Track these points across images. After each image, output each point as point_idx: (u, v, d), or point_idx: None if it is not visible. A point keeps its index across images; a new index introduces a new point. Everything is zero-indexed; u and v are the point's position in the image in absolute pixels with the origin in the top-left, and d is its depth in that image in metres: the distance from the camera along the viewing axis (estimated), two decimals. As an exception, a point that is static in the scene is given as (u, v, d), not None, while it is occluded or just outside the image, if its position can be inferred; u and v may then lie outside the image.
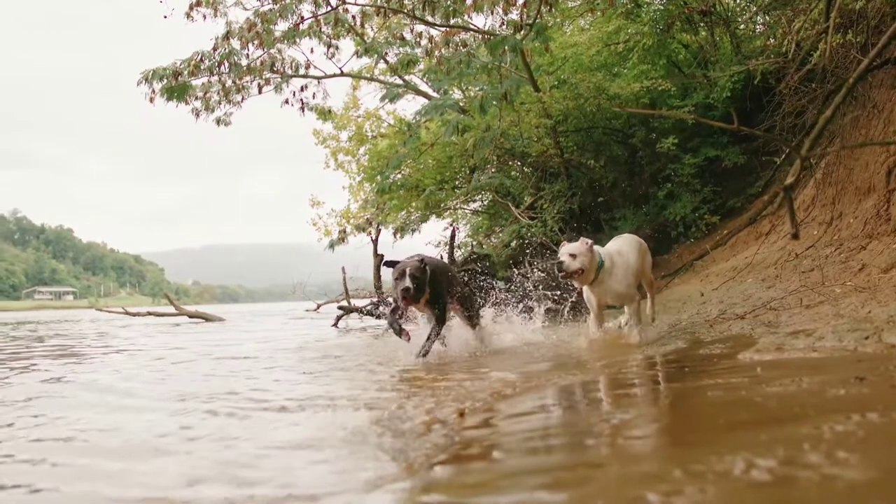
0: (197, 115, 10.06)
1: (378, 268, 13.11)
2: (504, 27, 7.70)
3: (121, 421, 2.81)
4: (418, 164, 11.43)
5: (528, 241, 9.62)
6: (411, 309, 4.84)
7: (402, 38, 9.27)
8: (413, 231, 12.38)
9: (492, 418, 2.55)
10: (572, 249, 4.54)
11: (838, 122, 6.15)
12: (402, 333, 4.66)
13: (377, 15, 8.98)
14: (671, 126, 9.90)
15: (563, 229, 9.58)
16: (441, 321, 4.78)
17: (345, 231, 13.21)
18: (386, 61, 11.36)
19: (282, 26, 9.06)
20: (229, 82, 9.88)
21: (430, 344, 4.64)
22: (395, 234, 12.51)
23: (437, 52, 8.06)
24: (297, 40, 9.42)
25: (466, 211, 13.85)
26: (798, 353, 3.10)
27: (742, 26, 10.39)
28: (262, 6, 8.92)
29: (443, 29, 7.94)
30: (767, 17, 9.78)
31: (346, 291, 13.27)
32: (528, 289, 6.01)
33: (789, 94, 6.97)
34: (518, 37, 6.52)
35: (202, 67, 9.48)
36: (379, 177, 11.19)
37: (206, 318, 14.91)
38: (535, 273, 6.16)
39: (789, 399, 2.16)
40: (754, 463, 1.46)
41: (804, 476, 1.36)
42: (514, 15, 7.04)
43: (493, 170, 11.80)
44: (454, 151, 11.02)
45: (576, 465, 1.75)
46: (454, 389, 3.22)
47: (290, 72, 10.27)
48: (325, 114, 11.41)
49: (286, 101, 10.51)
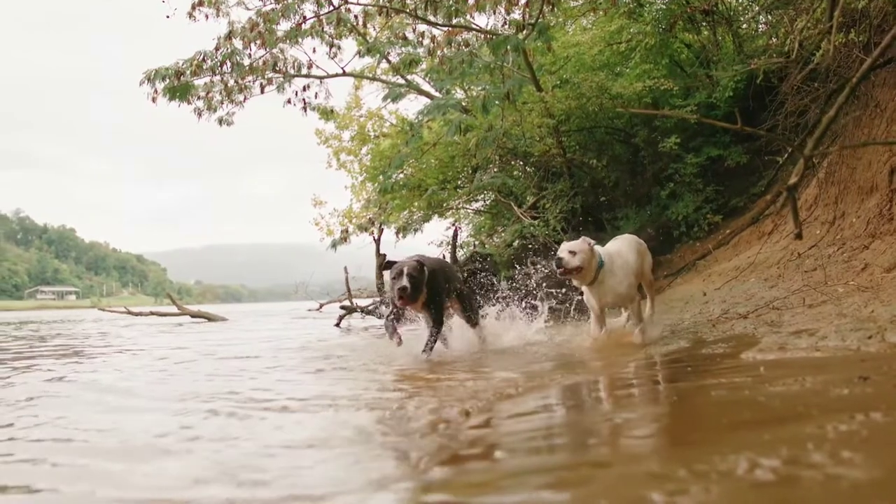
0: (199, 114, 10.08)
1: (380, 267, 13.12)
2: (506, 27, 7.70)
3: (122, 421, 2.81)
4: (421, 163, 11.42)
5: (531, 240, 9.60)
6: (410, 309, 4.79)
7: (405, 38, 9.28)
8: (415, 231, 12.37)
9: (495, 418, 2.55)
10: (572, 247, 4.53)
11: (841, 121, 6.13)
12: (394, 336, 4.56)
13: (379, 14, 8.98)
14: (673, 125, 9.88)
15: (565, 229, 9.57)
16: (438, 323, 4.71)
17: (347, 231, 13.20)
18: (388, 61, 11.37)
19: (284, 26, 9.06)
20: (231, 82, 9.89)
21: (433, 343, 4.62)
22: (397, 233, 12.52)
23: (439, 52, 8.07)
24: (300, 40, 9.42)
25: (469, 210, 13.84)
26: (801, 352, 3.09)
27: (744, 26, 10.36)
28: (265, 6, 8.93)
29: (445, 28, 7.94)
30: (770, 17, 9.74)
31: (349, 291, 13.29)
32: (532, 287, 6.00)
33: (792, 94, 6.95)
34: (520, 36, 6.51)
35: (204, 67, 9.50)
36: (381, 176, 11.20)
37: (209, 317, 14.94)
38: (538, 272, 6.15)
39: (792, 399, 2.16)
40: (758, 462, 1.45)
41: (808, 476, 1.36)
42: (516, 14, 7.03)
43: (495, 169, 11.77)
44: (456, 151, 11.01)
45: (579, 465, 1.75)
46: (457, 389, 3.23)
47: (292, 71, 10.27)
48: (327, 113, 11.42)
49: (288, 101, 10.49)
